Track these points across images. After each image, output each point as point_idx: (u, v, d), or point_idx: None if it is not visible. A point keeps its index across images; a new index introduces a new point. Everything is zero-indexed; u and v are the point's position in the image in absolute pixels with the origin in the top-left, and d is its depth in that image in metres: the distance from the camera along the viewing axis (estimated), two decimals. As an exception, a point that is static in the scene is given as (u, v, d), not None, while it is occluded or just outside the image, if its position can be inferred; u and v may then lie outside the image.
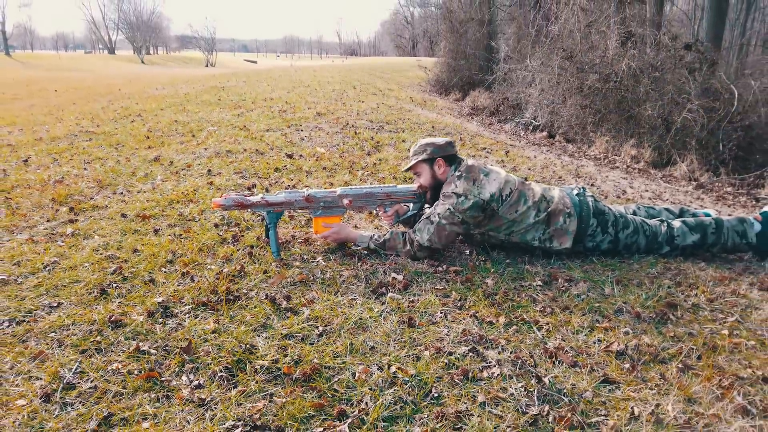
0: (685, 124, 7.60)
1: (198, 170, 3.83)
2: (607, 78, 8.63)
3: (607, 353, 1.69)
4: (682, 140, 7.61)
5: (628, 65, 8.20)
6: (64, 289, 2.00)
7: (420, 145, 2.52)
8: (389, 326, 1.80)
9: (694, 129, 7.48)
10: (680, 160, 7.26)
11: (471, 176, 2.40)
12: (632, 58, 8.34)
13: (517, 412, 1.40)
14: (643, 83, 8.30)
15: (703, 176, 7.08)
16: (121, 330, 1.72)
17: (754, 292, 2.23)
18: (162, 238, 2.53)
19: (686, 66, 8.45)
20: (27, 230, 2.64)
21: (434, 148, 2.48)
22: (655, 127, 7.97)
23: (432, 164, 2.50)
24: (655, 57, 8.61)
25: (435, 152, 2.48)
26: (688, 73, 8.27)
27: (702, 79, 8.11)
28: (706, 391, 1.51)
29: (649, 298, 2.08)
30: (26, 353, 1.58)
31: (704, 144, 7.55)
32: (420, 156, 2.49)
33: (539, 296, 2.09)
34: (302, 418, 1.34)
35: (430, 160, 2.49)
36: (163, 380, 1.48)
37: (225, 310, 1.86)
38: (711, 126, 7.62)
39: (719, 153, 7.45)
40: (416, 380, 1.51)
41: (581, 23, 9.97)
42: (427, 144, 2.50)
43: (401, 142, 5.23)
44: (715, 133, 7.61)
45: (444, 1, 23.94)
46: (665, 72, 8.41)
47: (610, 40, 9.24)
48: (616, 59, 8.66)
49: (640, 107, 8.21)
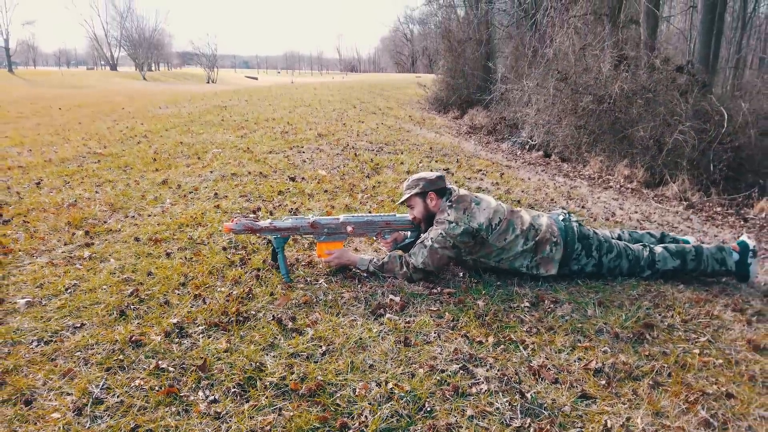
0: (676, 145, 7.81)
1: (205, 193, 4.00)
2: (601, 99, 8.86)
3: (586, 371, 1.85)
4: (674, 161, 7.82)
5: (621, 87, 8.42)
6: (85, 310, 2.16)
7: (413, 180, 2.70)
8: (387, 345, 1.96)
9: (686, 150, 7.68)
10: (672, 180, 7.46)
11: (462, 206, 2.58)
12: (625, 80, 8.57)
13: (501, 424, 1.56)
14: (635, 105, 8.53)
15: (694, 196, 7.26)
16: (141, 349, 1.88)
17: (727, 313, 2.40)
18: (174, 261, 2.69)
19: (678, 88, 8.68)
20: (46, 253, 2.81)
21: (426, 182, 2.66)
22: (647, 148, 8.18)
23: (424, 197, 2.68)
24: (647, 79, 8.84)
25: (426, 186, 2.66)
26: (679, 94, 8.49)
27: (693, 101, 8.32)
28: (673, 406, 1.66)
29: (628, 319, 2.24)
30: (56, 371, 1.74)
31: (695, 164, 7.75)
32: (413, 190, 2.68)
33: (526, 317, 2.25)
34: (308, 430, 1.50)
35: (422, 193, 2.68)
36: (182, 395, 1.63)
37: (236, 330, 2.02)
38: (702, 147, 7.83)
39: (710, 173, 7.65)
40: (411, 396, 1.66)
41: (576, 46, 10.22)
42: (419, 179, 2.68)
43: (400, 164, 5.42)
44: (706, 154, 7.81)
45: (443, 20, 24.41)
46: (657, 94, 8.62)
47: (603, 62, 9.49)
48: (610, 81, 8.89)
49: (633, 128, 8.43)
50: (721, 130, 7.77)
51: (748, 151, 7.88)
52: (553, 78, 9.82)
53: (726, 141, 7.80)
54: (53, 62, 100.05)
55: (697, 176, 7.64)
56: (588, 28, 10.84)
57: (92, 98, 16.83)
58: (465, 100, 16.55)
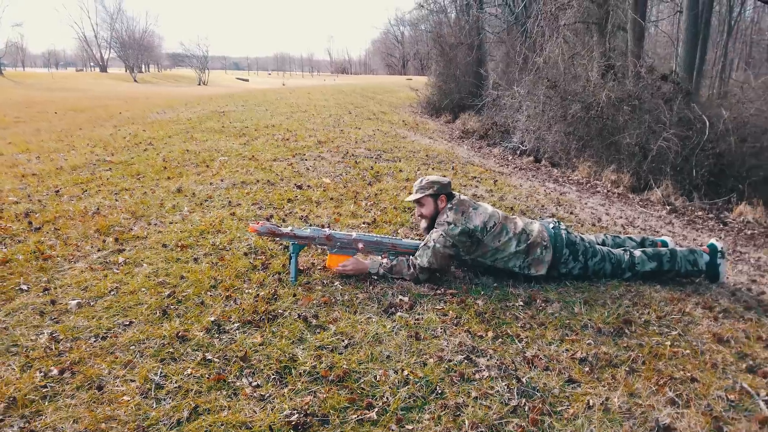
0: (660, 152, 8.17)
1: (219, 202, 4.27)
2: (589, 107, 9.20)
3: (572, 359, 2.15)
4: (659, 166, 8.19)
5: (608, 96, 8.77)
6: (131, 310, 2.44)
7: (427, 182, 3.02)
8: (400, 339, 2.26)
9: (669, 156, 8.05)
10: (656, 186, 7.82)
11: (461, 209, 2.91)
12: (612, 89, 8.92)
13: (501, 404, 1.86)
14: (622, 112, 8.88)
15: (677, 200, 7.62)
16: (187, 343, 2.15)
17: (697, 310, 2.72)
18: (202, 265, 2.97)
19: (662, 96, 9.05)
20: (82, 259, 3.07)
21: (439, 186, 2.99)
22: (633, 154, 8.55)
23: (436, 199, 3.01)
24: (634, 87, 9.19)
25: (440, 189, 2.99)
26: (664, 102, 8.86)
27: (677, 109, 8.69)
28: (645, 388, 1.97)
29: (610, 316, 2.55)
30: (117, 362, 2.01)
31: (679, 170, 8.12)
32: (427, 191, 2.99)
33: (521, 314, 2.55)
34: (340, 408, 1.79)
35: (435, 195, 2.99)
36: (229, 381, 1.91)
37: (267, 327, 2.30)
38: (685, 153, 8.20)
39: (693, 179, 8.03)
40: (424, 381, 1.96)
41: (565, 54, 10.58)
42: (434, 182, 3.01)
43: (399, 171, 5.71)
44: (689, 160, 8.19)
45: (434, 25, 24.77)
46: (643, 102, 8.98)
47: (591, 71, 9.86)
48: (598, 89, 9.24)
49: (619, 135, 8.79)
50: (703, 137, 8.15)
51: (729, 157, 8.26)
52: (543, 85, 10.18)
53: (708, 147, 8.18)
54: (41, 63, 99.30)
55: (681, 181, 8.01)
56: (577, 38, 11.21)
57: (85, 102, 16.93)
58: (457, 104, 16.89)
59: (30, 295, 2.60)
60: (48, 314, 2.39)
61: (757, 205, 6.96)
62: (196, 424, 1.68)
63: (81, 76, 52.92)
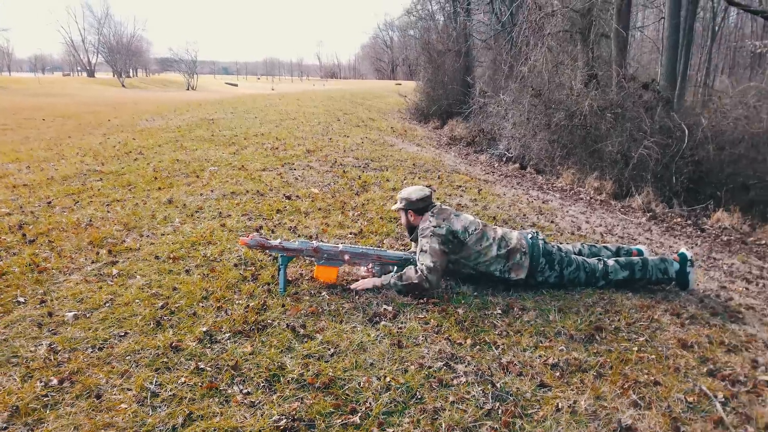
0: (641, 159, 8.38)
1: (210, 213, 4.38)
2: (573, 115, 9.40)
3: (545, 365, 2.29)
4: (640, 174, 8.40)
5: (590, 105, 8.98)
6: (125, 321, 2.54)
7: (400, 197, 3.24)
8: (383, 348, 2.38)
9: (650, 164, 8.26)
10: (637, 193, 8.03)
11: (441, 216, 3.09)
12: (594, 98, 9.14)
13: (476, 407, 1.99)
14: (605, 121, 9.09)
15: (657, 207, 7.83)
16: (181, 353, 2.27)
17: (665, 317, 2.87)
18: (194, 276, 3.08)
19: (644, 105, 9.28)
20: (77, 271, 3.17)
21: (407, 202, 3.20)
22: (615, 162, 8.76)
23: (406, 213, 3.24)
24: (616, 96, 9.41)
25: (407, 206, 3.20)
26: (645, 111, 9.09)
27: (657, 117, 8.92)
28: (611, 391, 2.12)
29: (582, 323, 2.70)
30: (114, 371, 2.12)
31: (659, 177, 8.34)
32: (398, 205, 3.23)
33: (498, 322, 2.69)
34: (326, 414, 1.91)
35: (404, 210, 3.23)
36: (221, 389, 2.03)
37: (257, 336, 2.42)
38: (665, 161, 8.42)
39: (672, 186, 8.24)
40: (405, 387, 2.09)
41: (549, 63, 10.79)
42: (403, 198, 3.22)
43: (386, 181, 5.85)
44: (669, 168, 8.40)
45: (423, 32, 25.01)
46: (625, 110, 9.19)
47: (574, 80, 10.07)
48: (581, 98, 9.45)
49: (602, 143, 9.00)
50: (682, 145, 8.38)
51: (708, 164, 8.50)
52: (528, 94, 10.38)
53: (687, 155, 8.40)
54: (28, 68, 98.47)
55: (661, 188, 8.23)
56: (561, 47, 11.44)
57: (73, 108, 16.92)
58: (445, 110, 17.09)
59: (27, 307, 2.69)
60: (46, 326, 2.49)
61: (733, 212, 7.18)
62: (190, 430, 1.79)
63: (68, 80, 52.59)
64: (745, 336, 2.75)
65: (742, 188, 8.21)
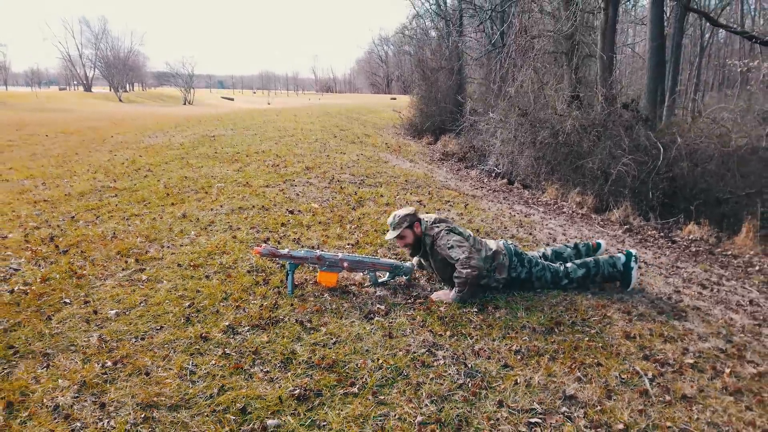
0: (620, 176, 8.94)
1: (221, 226, 4.87)
2: (557, 134, 9.97)
3: (510, 351, 2.79)
4: (618, 189, 8.96)
5: (572, 125, 9.55)
6: (160, 317, 3.02)
7: (401, 217, 3.66)
8: (377, 338, 2.87)
9: (628, 180, 8.82)
10: (616, 207, 8.57)
11: (443, 222, 3.68)
12: (576, 117, 9.71)
13: (451, 382, 2.48)
14: (587, 139, 9.66)
15: (635, 220, 8.38)
16: (209, 342, 2.75)
17: (617, 314, 3.38)
18: (213, 281, 3.56)
19: (623, 124, 9.86)
20: (110, 277, 3.65)
21: (411, 216, 3.70)
22: (596, 178, 9.31)
23: (412, 227, 3.70)
24: (598, 115, 9.98)
25: (412, 219, 3.69)
26: (624, 130, 9.66)
27: (635, 136, 9.50)
28: (561, 370, 2.61)
29: (544, 318, 3.20)
30: (157, 356, 2.60)
31: (637, 192, 8.90)
32: (404, 225, 3.66)
33: (474, 318, 3.19)
34: (331, 386, 2.40)
35: (410, 225, 3.69)
36: (245, 369, 2.51)
37: (271, 329, 2.90)
38: (642, 177, 8.98)
39: (649, 200, 8.79)
40: (394, 367, 2.57)
41: (534, 84, 11.39)
42: (406, 215, 3.68)
43: (380, 197, 6.36)
44: (646, 183, 8.96)
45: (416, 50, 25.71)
46: (606, 129, 9.77)
47: (558, 101, 10.66)
48: (564, 117, 10.02)
49: (584, 160, 9.56)
50: (658, 162, 8.95)
51: (682, 180, 9.06)
52: (515, 113, 10.96)
53: (662, 172, 8.97)
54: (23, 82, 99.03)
55: (638, 203, 8.78)
56: (546, 68, 12.07)
57: (74, 124, 17.31)
58: (438, 126, 17.67)
59: (73, 307, 3.17)
60: (93, 321, 2.97)
61: (703, 225, 7.73)
62: (224, 397, 2.28)
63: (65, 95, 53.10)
64: (683, 330, 3.26)
65: (714, 203, 8.76)
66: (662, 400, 2.44)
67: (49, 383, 2.36)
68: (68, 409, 2.20)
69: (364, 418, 2.19)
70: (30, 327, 2.88)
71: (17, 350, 2.64)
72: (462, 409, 2.29)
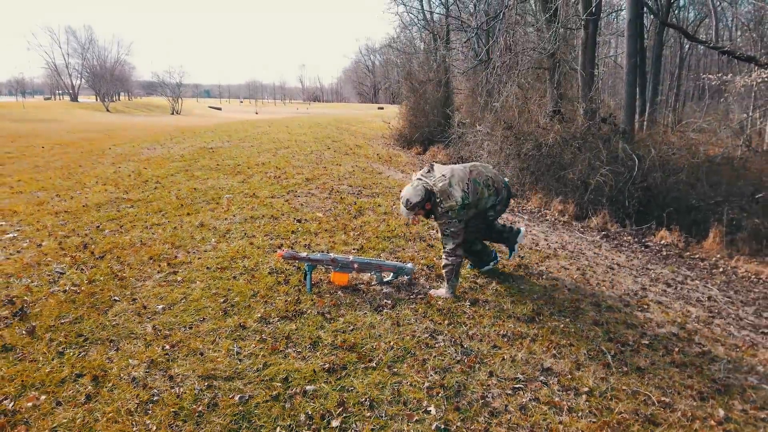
0: (598, 185, 9.60)
1: (237, 234, 5.39)
2: (540, 146, 10.62)
3: (498, 335, 3.35)
4: (597, 198, 9.62)
5: (554, 138, 10.21)
6: (201, 311, 3.55)
7: (412, 204, 3.97)
8: (387, 326, 3.42)
9: (605, 189, 9.48)
10: (595, 215, 9.22)
11: (446, 194, 4.10)
12: (558, 131, 10.38)
13: (450, 358, 3.04)
14: (568, 151, 10.32)
15: (612, 227, 9.04)
16: (247, 329, 3.28)
17: (589, 306, 3.96)
18: (240, 281, 4.09)
19: (601, 137, 10.54)
20: (149, 279, 4.16)
21: (419, 199, 4.10)
22: (577, 187, 9.97)
23: (424, 206, 4.03)
24: (578, 129, 10.65)
25: (423, 199, 4.05)
26: (602, 143, 10.34)
27: (612, 148, 10.17)
28: (539, 349, 3.19)
29: (527, 310, 3.77)
30: (205, 340, 3.13)
31: (614, 201, 9.56)
32: (416, 208, 4.00)
33: (468, 310, 3.75)
34: (353, 362, 2.94)
35: (421, 205, 4.03)
36: (281, 350, 3.05)
37: (298, 319, 3.44)
38: (619, 186, 9.65)
39: (625, 208, 9.46)
40: (403, 347, 3.13)
41: (519, 100, 12.07)
42: (413, 200, 4.00)
43: (378, 206, 6.92)
44: (623, 192, 9.62)
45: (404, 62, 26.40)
46: (586, 141, 10.44)
47: (541, 115, 11.34)
48: (547, 131, 10.68)
49: (565, 171, 10.21)
50: (633, 172, 9.64)
51: (655, 190, 9.76)
52: (501, 127, 11.62)
53: (638, 182, 9.65)
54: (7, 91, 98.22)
55: (616, 211, 9.45)
56: (530, 84, 12.76)
57: (66, 135, 17.51)
58: (427, 137, 18.29)
59: (123, 303, 3.68)
60: (143, 315, 3.49)
61: (674, 231, 8.40)
62: (268, 371, 2.81)
63: (52, 105, 53.05)
64: (644, 319, 3.86)
65: (685, 210, 9.45)
66: (621, 370, 3.02)
67: (122, 362, 2.88)
68: (143, 380, 2.72)
69: (383, 384, 2.74)
70: (92, 320, 3.39)
71: (87, 338, 3.15)
72: (460, 377, 2.85)
